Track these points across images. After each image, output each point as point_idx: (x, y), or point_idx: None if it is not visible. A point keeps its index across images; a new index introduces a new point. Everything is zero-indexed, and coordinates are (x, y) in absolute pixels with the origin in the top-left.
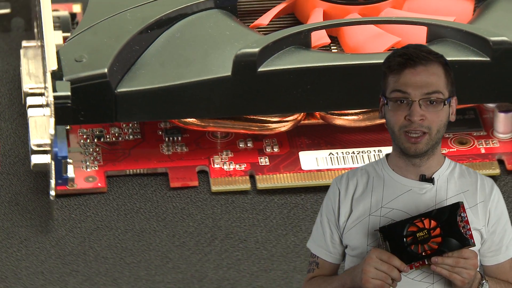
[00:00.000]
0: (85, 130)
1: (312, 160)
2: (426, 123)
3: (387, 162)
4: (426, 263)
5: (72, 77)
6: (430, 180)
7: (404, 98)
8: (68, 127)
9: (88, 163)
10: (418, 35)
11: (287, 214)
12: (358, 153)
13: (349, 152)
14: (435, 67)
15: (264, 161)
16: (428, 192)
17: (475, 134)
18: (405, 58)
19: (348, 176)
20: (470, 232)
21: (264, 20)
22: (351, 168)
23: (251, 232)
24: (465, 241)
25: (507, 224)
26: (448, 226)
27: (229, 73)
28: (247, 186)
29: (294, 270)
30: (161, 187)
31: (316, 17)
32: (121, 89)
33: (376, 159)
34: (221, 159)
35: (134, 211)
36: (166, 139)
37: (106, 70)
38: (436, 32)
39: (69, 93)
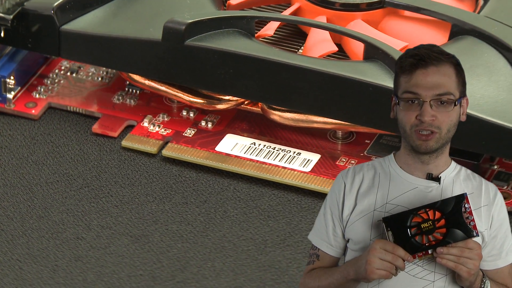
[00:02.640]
0: (68, 64)
1: (232, 144)
2: (437, 123)
3: (395, 160)
4: (430, 252)
5: (22, 2)
6: (437, 179)
7: (415, 98)
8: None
9: (42, 91)
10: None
11: (170, 184)
12: (277, 150)
13: (270, 147)
14: (447, 67)
15: (189, 132)
16: (434, 191)
17: None
18: (416, 58)
19: (354, 170)
20: (473, 223)
21: (269, 31)
22: (258, 161)
23: (121, 187)
24: (470, 232)
25: (508, 230)
26: (453, 217)
27: (160, 39)
28: (153, 149)
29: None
30: (86, 129)
31: (364, 26)
32: (65, 27)
33: (292, 161)
34: (154, 120)
35: (44, 142)
36: (126, 89)
37: (54, 5)
38: (371, 51)
39: (10, 17)
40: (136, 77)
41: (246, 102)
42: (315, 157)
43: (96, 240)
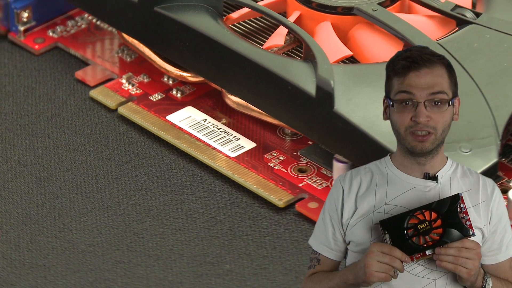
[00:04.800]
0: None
1: (184, 116)
2: (432, 123)
3: (391, 161)
4: (427, 254)
5: None
6: (434, 178)
7: (409, 99)
8: None
9: (58, 31)
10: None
11: (109, 138)
12: (220, 131)
13: (216, 127)
14: (439, 68)
15: (155, 97)
16: (432, 190)
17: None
18: (409, 61)
19: (351, 174)
20: (469, 223)
21: (280, 40)
22: (195, 136)
23: (63, 131)
24: (466, 231)
25: (507, 224)
26: (449, 217)
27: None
28: (112, 105)
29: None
30: (72, 73)
31: (328, 29)
32: None
33: (225, 144)
34: (133, 79)
35: (26, 76)
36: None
37: None
38: (307, 52)
39: None
40: (125, 35)
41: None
42: (249, 146)
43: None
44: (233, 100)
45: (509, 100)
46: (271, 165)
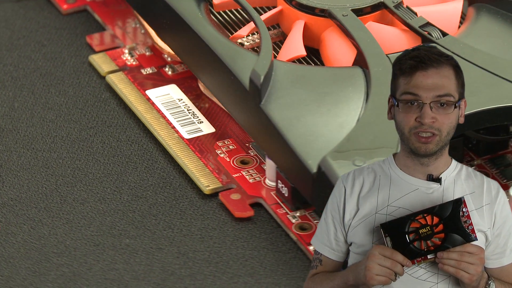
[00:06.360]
0: None
1: (163, 93)
2: (437, 125)
3: (395, 162)
4: (428, 258)
5: None
6: (438, 180)
7: (415, 100)
8: None
9: None
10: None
11: (89, 102)
12: (188, 112)
13: (187, 107)
14: (447, 69)
15: (147, 71)
16: (435, 192)
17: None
18: (416, 60)
19: (354, 174)
20: (472, 227)
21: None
22: (161, 112)
23: (49, 88)
24: (468, 236)
25: (511, 227)
26: (451, 222)
27: None
28: (103, 71)
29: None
30: (83, 35)
31: (298, 28)
32: None
33: (185, 125)
34: (134, 50)
35: (42, 33)
36: None
37: None
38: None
39: None
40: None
41: None
42: (207, 131)
43: None
44: (200, 83)
45: None
46: (218, 152)
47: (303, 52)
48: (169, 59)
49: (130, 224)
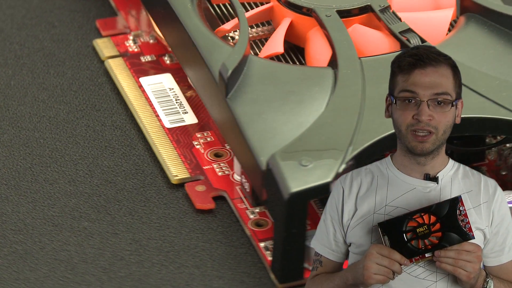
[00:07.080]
0: None
1: (156, 81)
2: (434, 123)
3: (392, 162)
4: (426, 256)
5: None
6: (435, 179)
7: (413, 97)
8: None
9: None
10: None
11: (81, 80)
12: (176, 102)
13: (176, 97)
14: (445, 68)
15: (146, 59)
16: (433, 191)
17: None
18: (415, 58)
19: (352, 175)
20: (469, 226)
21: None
22: (149, 100)
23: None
24: (465, 235)
25: (510, 225)
26: (448, 221)
27: None
28: (103, 56)
29: None
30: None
31: (283, 26)
32: None
33: (170, 114)
34: (139, 37)
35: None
36: None
37: None
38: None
39: None
40: None
41: None
42: (189, 121)
43: None
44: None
45: (381, 128)
46: (195, 143)
47: (280, 49)
48: (169, 48)
49: (93, 208)
